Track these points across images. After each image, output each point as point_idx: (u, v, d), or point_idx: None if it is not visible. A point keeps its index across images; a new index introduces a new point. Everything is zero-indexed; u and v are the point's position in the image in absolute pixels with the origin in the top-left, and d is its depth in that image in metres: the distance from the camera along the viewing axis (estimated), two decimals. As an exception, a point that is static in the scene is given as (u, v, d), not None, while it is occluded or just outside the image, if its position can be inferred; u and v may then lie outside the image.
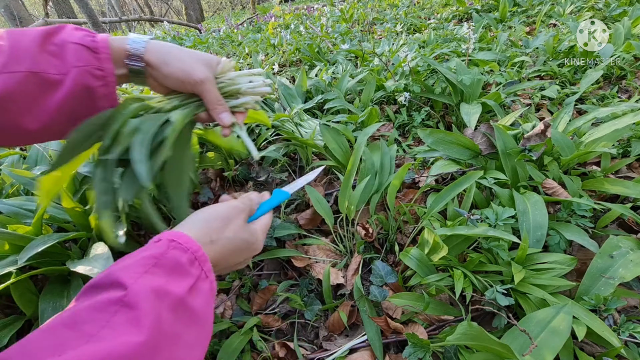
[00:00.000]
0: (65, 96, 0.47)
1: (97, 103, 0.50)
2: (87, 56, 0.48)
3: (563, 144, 0.94)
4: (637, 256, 0.68)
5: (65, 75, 0.47)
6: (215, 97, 0.54)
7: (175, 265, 0.36)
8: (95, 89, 0.49)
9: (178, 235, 0.39)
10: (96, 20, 2.72)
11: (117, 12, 10.94)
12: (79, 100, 0.48)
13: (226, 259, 0.45)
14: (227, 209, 0.47)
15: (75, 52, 0.48)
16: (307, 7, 4.82)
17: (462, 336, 0.58)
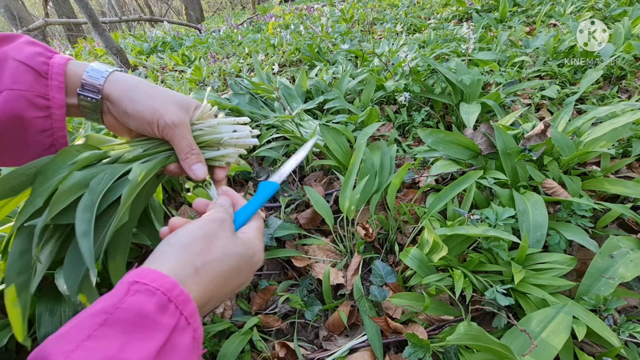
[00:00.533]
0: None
1: (34, 137, 0.40)
2: (30, 79, 0.39)
3: (563, 143, 0.94)
4: (637, 256, 0.68)
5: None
6: (187, 144, 0.44)
7: (137, 318, 0.26)
8: (32, 122, 0.38)
9: (143, 273, 0.29)
10: (96, 20, 2.72)
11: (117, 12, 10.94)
12: (7, 132, 0.38)
13: (221, 287, 0.35)
14: (204, 223, 0.36)
15: (15, 71, 0.38)
16: (307, 7, 4.82)
17: (462, 336, 0.58)
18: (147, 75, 2.69)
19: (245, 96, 1.55)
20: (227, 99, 1.54)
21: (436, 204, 0.86)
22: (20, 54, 0.39)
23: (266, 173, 1.21)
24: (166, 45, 4.07)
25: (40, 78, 0.39)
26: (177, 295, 0.28)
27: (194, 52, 3.40)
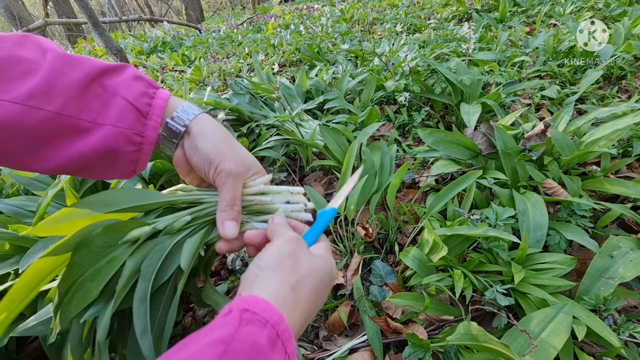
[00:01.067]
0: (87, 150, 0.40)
1: (120, 166, 0.43)
2: (133, 120, 0.42)
3: (563, 144, 0.94)
4: (637, 256, 0.68)
5: (99, 127, 0.40)
6: (232, 197, 0.43)
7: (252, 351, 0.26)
8: (125, 154, 0.42)
9: (251, 301, 0.30)
10: (96, 20, 2.72)
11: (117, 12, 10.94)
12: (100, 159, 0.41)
13: (314, 303, 0.35)
14: (284, 243, 0.37)
15: (122, 110, 0.41)
16: (307, 7, 4.82)
17: (462, 336, 0.58)
18: (147, 75, 2.69)
19: (245, 96, 1.55)
20: (227, 99, 1.54)
21: (436, 204, 0.86)
22: (129, 94, 0.42)
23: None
24: (166, 45, 4.07)
25: (141, 117, 0.42)
26: (283, 331, 0.29)
27: (194, 52, 3.40)
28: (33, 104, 0.36)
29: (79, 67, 0.40)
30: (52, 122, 0.37)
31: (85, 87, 0.39)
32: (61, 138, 0.39)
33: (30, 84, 0.36)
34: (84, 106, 0.39)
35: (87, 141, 0.40)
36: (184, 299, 0.87)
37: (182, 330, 0.77)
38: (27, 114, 0.36)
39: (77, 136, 0.39)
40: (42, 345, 0.60)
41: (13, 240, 0.71)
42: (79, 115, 0.39)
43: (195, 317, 0.82)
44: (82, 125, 0.39)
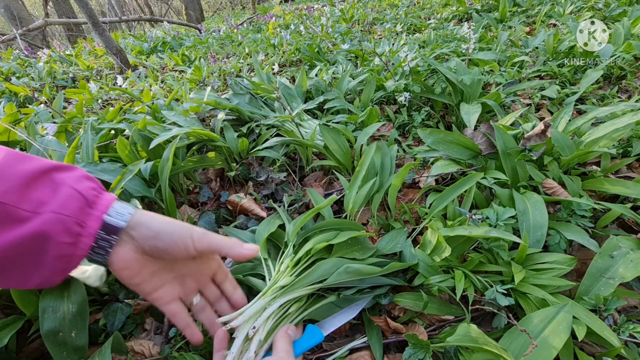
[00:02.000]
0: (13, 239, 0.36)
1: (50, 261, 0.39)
2: (77, 208, 0.40)
3: (563, 143, 0.94)
4: (637, 256, 0.68)
5: (36, 216, 0.37)
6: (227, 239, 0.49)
7: None
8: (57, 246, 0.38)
9: None
10: (96, 20, 2.72)
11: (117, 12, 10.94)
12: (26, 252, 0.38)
13: None
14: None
15: (67, 198, 0.39)
16: (307, 7, 4.82)
17: (461, 338, 0.58)
18: (147, 75, 2.69)
19: (245, 96, 1.55)
20: (227, 99, 1.54)
21: (438, 205, 0.86)
22: (78, 185, 0.41)
23: (266, 173, 1.21)
24: (166, 45, 4.07)
25: (86, 207, 0.41)
26: None
27: (194, 52, 3.40)
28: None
29: (29, 162, 0.39)
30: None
31: (32, 179, 0.38)
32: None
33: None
34: (26, 196, 0.37)
35: (18, 230, 0.36)
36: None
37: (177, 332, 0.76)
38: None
39: (9, 225, 0.36)
40: (46, 344, 0.60)
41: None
42: (18, 204, 0.37)
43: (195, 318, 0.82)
44: (19, 214, 0.37)
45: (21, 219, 0.37)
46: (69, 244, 0.39)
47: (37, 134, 1.13)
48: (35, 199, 0.38)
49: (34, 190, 0.38)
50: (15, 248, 0.37)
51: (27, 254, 0.38)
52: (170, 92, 2.08)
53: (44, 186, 0.39)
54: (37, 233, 0.37)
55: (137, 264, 0.45)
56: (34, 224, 0.37)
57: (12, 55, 3.65)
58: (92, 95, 2.00)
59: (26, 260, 0.38)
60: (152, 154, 1.11)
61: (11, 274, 0.39)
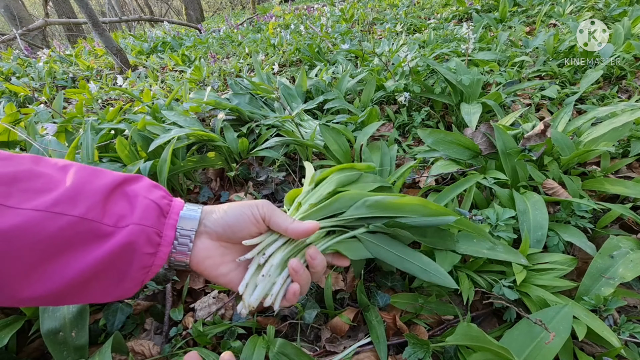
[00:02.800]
0: (102, 256, 0.38)
1: (133, 273, 0.40)
2: (155, 218, 0.42)
3: (563, 143, 0.94)
4: (637, 256, 0.68)
5: (119, 230, 0.39)
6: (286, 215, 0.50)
7: None
8: (141, 257, 0.40)
9: None
10: (96, 20, 2.72)
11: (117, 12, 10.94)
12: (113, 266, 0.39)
13: None
14: None
15: (146, 208, 0.41)
16: (307, 7, 4.82)
17: (461, 336, 0.58)
18: (147, 75, 2.69)
19: (245, 96, 1.55)
20: (227, 99, 1.54)
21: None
22: (151, 195, 0.43)
23: (266, 173, 1.21)
24: (166, 45, 4.07)
25: (161, 216, 0.43)
26: None
27: (194, 52, 3.40)
28: (57, 210, 0.36)
29: (103, 176, 0.41)
30: (73, 227, 0.36)
31: (109, 193, 0.40)
32: (79, 245, 0.37)
33: (55, 193, 0.37)
34: (107, 210, 0.39)
35: (105, 246, 0.38)
36: (185, 299, 0.87)
37: (182, 330, 0.77)
38: (49, 221, 0.35)
39: (96, 242, 0.38)
40: (46, 343, 0.60)
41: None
42: (102, 220, 0.38)
43: (195, 319, 0.82)
44: (103, 229, 0.38)
45: (106, 234, 0.38)
46: (151, 255, 0.41)
47: (37, 134, 1.13)
48: (115, 212, 0.39)
49: (113, 205, 0.40)
50: (105, 263, 0.38)
51: (114, 268, 0.39)
52: (170, 92, 2.08)
53: (120, 200, 0.41)
54: (125, 245, 0.38)
55: (217, 252, 0.47)
56: (118, 238, 0.38)
57: (12, 55, 3.65)
58: (92, 95, 2.00)
59: (112, 274, 0.39)
60: (152, 154, 1.12)
61: (97, 288, 0.39)
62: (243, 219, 0.47)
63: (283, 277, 0.48)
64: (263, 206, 0.48)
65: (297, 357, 0.65)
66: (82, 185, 0.39)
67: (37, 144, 1.01)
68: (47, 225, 0.35)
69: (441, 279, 0.56)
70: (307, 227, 0.47)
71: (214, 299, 0.87)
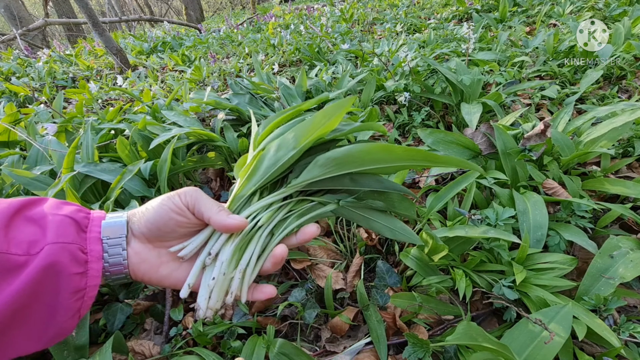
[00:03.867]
0: (21, 287, 0.32)
1: (65, 302, 0.35)
2: (74, 232, 0.37)
3: (563, 143, 0.94)
4: (637, 256, 0.68)
5: (33, 257, 0.34)
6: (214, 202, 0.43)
7: None
8: (69, 278, 0.35)
9: None
10: (96, 20, 2.72)
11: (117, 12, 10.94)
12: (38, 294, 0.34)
13: None
14: None
15: (59, 224, 0.36)
16: (307, 7, 4.82)
17: (461, 336, 0.58)
18: (147, 75, 2.69)
19: (245, 96, 1.55)
20: (227, 99, 1.54)
21: (436, 204, 0.86)
22: (62, 211, 0.38)
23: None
24: (166, 45, 4.07)
25: (80, 232, 0.38)
26: None
27: (194, 52, 3.40)
28: None
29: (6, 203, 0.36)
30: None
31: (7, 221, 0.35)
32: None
33: None
34: (11, 240, 0.34)
35: (22, 275, 0.33)
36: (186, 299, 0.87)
37: (182, 330, 0.77)
38: None
39: (9, 275, 0.33)
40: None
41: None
42: (8, 250, 0.33)
43: (195, 319, 0.82)
44: (13, 260, 0.33)
45: (19, 264, 0.33)
46: (80, 275, 0.36)
47: (37, 134, 1.13)
48: (23, 240, 0.35)
49: (17, 233, 0.35)
50: (25, 296, 0.33)
51: (38, 300, 0.34)
52: (170, 92, 2.08)
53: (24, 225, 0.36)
54: (45, 268, 0.34)
55: (151, 254, 0.42)
56: (35, 264, 0.34)
57: (12, 55, 3.65)
58: (92, 95, 2.00)
59: (39, 308, 0.35)
60: (152, 154, 1.12)
61: (21, 332, 0.34)
62: (164, 211, 0.41)
63: (241, 270, 0.42)
64: (186, 194, 0.42)
65: (297, 357, 0.65)
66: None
67: (37, 144, 1.01)
68: None
69: (406, 237, 0.49)
70: (232, 223, 0.40)
71: (214, 299, 0.86)
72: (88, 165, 0.95)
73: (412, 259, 0.76)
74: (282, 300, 0.87)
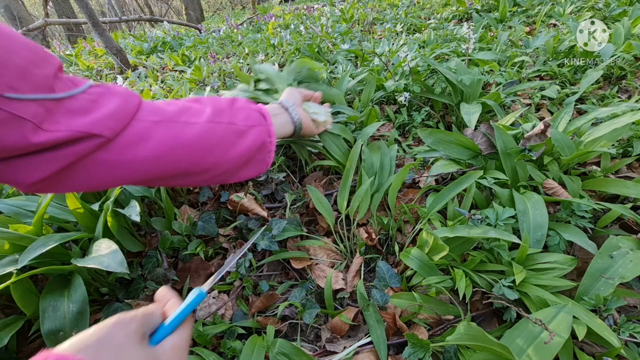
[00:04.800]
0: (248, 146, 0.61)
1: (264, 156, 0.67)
2: (263, 120, 0.66)
3: (563, 143, 0.94)
4: (637, 256, 0.68)
5: (250, 128, 0.62)
6: None
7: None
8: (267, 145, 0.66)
9: None
10: (96, 21, 2.72)
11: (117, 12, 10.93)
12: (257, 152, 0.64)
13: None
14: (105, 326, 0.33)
15: (258, 115, 0.65)
16: (307, 7, 4.82)
17: (461, 336, 0.58)
18: (147, 75, 2.69)
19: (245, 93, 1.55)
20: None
21: (436, 204, 0.86)
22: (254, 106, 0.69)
23: (266, 173, 1.21)
24: (166, 45, 4.07)
25: (263, 119, 0.67)
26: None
27: (194, 52, 3.40)
28: (216, 120, 0.58)
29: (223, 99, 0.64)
30: (228, 129, 0.59)
31: (229, 107, 0.62)
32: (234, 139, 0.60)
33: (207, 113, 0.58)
34: (237, 117, 0.62)
35: (248, 139, 0.62)
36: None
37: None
38: (215, 127, 0.57)
39: (241, 137, 0.61)
40: (46, 343, 0.60)
41: (13, 240, 0.71)
42: (238, 122, 0.61)
43: (195, 318, 0.82)
44: (241, 128, 0.61)
45: (244, 130, 0.62)
46: (270, 143, 0.67)
47: (37, 134, 1.13)
48: (241, 117, 0.62)
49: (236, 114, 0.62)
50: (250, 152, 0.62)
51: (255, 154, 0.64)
52: (170, 92, 2.08)
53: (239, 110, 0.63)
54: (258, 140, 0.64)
55: None
56: (254, 134, 0.63)
57: (12, 55, 3.64)
58: (92, 95, 2.00)
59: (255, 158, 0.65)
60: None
61: (245, 170, 0.64)
62: None
63: None
64: None
65: (297, 357, 0.65)
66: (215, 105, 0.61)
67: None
68: (215, 129, 0.57)
69: None
70: None
71: (214, 299, 0.87)
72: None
73: (412, 258, 0.76)
74: (282, 300, 0.87)
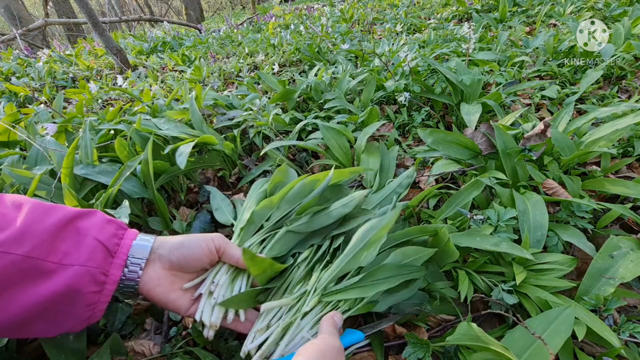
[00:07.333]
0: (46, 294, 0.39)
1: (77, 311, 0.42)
2: (102, 259, 0.44)
3: (563, 144, 0.94)
4: (637, 256, 0.68)
5: (64, 268, 0.41)
6: None
7: None
8: (85, 296, 0.42)
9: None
10: (96, 20, 2.72)
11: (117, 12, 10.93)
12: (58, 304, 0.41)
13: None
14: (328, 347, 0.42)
15: (93, 250, 0.43)
16: (307, 7, 4.82)
17: (462, 336, 0.58)
18: (147, 75, 2.69)
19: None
20: (227, 96, 1.54)
21: (445, 210, 0.83)
22: (102, 235, 0.45)
23: (265, 173, 1.21)
24: (166, 45, 4.07)
25: (108, 257, 0.45)
26: None
27: (194, 52, 3.40)
28: (2, 249, 0.37)
29: (55, 214, 0.43)
30: (17, 265, 0.38)
31: (58, 231, 0.42)
32: (22, 283, 0.38)
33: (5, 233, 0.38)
34: (53, 249, 0.41)
35: (49, 284, 0.39)
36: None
37: (182, 330, 0.77)
38: None
39: (39, 279, 0.39)
40: (43, 346, 0.60)
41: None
42: (46, 257, 0.40)
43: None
44: (47, 267, 0.40)
45: (49, 271, 0.40)
46: (95, 293, 0.43)
47: (37, 134, 1.13)
48: (61, 250, 0.41)
49: (60, 242, 0.42)
50: (47, 302, 0.40)
51: (56, 307, 0.41)
52: (170, 92, 2.08)
53: (69, 237, 0.43)
54: (68, 286, 0.40)
55: (167, 280, 0.50)
56: (63, 277, 0.40)
57: (12, 55, 3.65)
58: (92, 95, 2.00)
59: (55, 312, 0.41)
60: (154, 154, 1.11)
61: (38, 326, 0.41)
62: (200, 251, 0.52)
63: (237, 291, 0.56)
64: (218, 239, 0.54)
65: (297, 357, 0.64)
66: (31, 224, 0.40)
67: (37, 144, 1.01)
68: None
69: None
70: None
71: (214, 299, 0.86)
72: (86, 167, 0.95)
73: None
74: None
